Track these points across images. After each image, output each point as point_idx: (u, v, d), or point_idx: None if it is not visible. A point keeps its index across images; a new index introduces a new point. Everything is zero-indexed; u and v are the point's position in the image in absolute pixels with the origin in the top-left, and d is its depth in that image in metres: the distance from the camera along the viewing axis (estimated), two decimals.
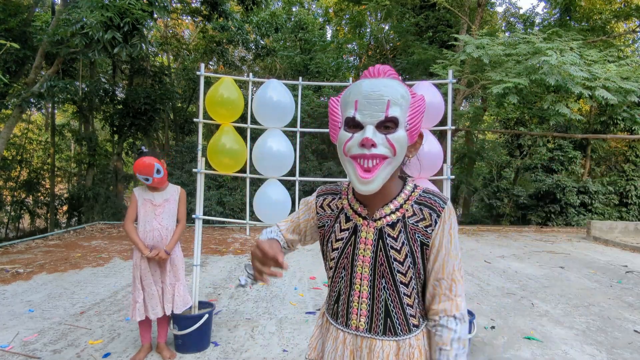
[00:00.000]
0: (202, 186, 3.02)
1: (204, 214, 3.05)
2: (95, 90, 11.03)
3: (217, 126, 3.12)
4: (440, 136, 8.75)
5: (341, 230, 1.02)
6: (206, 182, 10.10)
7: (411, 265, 0.96)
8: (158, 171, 2.66)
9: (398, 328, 0.97)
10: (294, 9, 16.37)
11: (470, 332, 2.95)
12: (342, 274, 1.01)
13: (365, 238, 0.98)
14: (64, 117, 16.99)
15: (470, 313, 3.10)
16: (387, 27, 15.46)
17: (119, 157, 12.26)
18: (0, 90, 7.20)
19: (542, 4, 21.80)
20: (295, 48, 14.79)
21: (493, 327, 3.57)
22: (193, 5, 12.23)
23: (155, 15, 6.81)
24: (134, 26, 6.06)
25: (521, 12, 16.32)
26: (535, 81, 6.25)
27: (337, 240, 1.02)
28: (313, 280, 5.08)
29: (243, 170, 3.17)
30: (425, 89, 2.95)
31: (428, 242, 0.96)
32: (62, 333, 3.27)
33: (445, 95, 3.30)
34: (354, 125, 0.91)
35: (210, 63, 15.38)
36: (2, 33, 7.30)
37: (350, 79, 4.38)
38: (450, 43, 10.32)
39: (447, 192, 3.02)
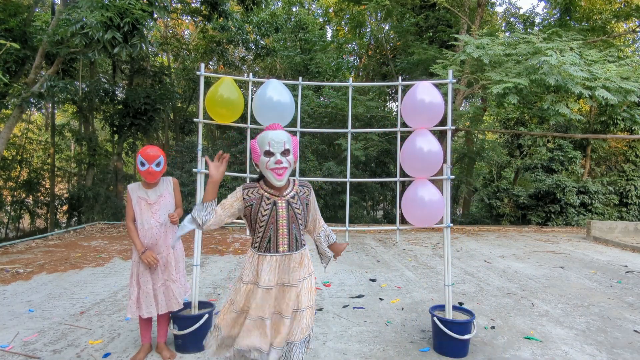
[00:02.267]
0: (202, 186, 3.02)
1: None
2: (95, 90, 11.03)
3: (218, 126, 3.12)
4: (440, 136, 8.76)
5: (266, 205, 1.90)
6: (206, 182, 10.07)
7: (304, 213, 2.00)
8: (158, 164, 2.65)
9: (299, 245, 1.97)
10: (294, 9, 16.37)
11: (470, 332, 2.95)
12: (271, 227, 1.90)
13: (281, 205, 1.92)
14: (64, 117, 16.99)
15: (470, 313, 3.10)
16: (387, 27, 15.46)
17: (119, 157, 12.26)
18: (0, 90, 7.21)
19: (542, 4, 21.82)
20: (295, 48, 14.79)
21: (493, 327, 3.56)
22: (193, 5, 12.23)
23: (155, 15, 6.81)
24: (134, 26, 6.06)
25: (521, 12, 16.31)
26: (535, 81, 6.25)
27: (265, 210, 1.89)
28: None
29: (243, 170, 3.16)
30: (425, 89, 2.95)
31: (308, 202, 2.02)
32: (62, 333, 3.27)
33: (445, 95, 3.31)
34: (269, 154, 1.85)
35: (210, 63, 15.39)
36: (2, 33, 7.30)
37: (350, 79, 4.38)
38: (450, 43, 10.32)
39: (447, 192, 3.02)
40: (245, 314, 1.92)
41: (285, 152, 1.86)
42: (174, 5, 11.63)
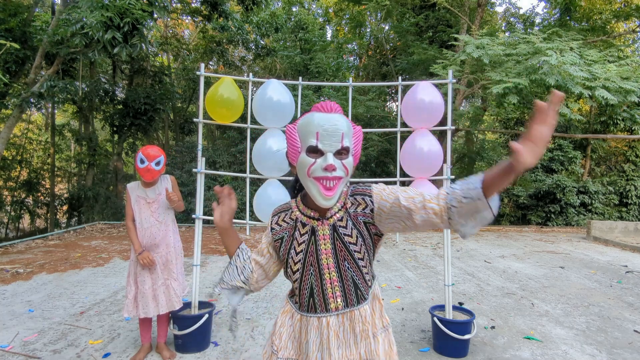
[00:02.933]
0: (202, 186, 3.02)
1: (204, 214, 3.05)
2: (95, 90, 11.03)
3: (218, 126, 3.13)
4: (440, 136, 8.75)
5: (301, 235, 1.20)
6: (206, 182, 10.08)
7: (362, 243, 1.17)
8: (157, 163, 2.66)
9: (364, 292, 1.20)
10: (294, 9, 16.36)
11: (470, 332, 2.95)
12: (311, 271, 1.19)
13: (323, 234, 1.18)
14: (64, 117, 16.99)
15: (470, 313, 3.10)
16: (387, 27, 15.46)
17: (119, 157, 12.26)
18: (0, 90, 7.20)
19: (542, 4, 21.81)
20: (295, 48, 14.79)
21: (493, 327, 3.56)
22: (193, 5, 12.23)
23: (155, 15, 6.81)
24: (134, 26, 6.06)
25: (521, 12, 16.33)
26: (535, 81, 6.24)
27: (300, 244, 1.20)
28: None
29: (243, 170, 3.17)
30: (425, 89, 2.95)
31: (370, 220, 1.17)
32: (62, 333, 3.27)
33: (445, 95, 3.30)
34: (315, 152, 1.11)
35: (210, 63, 15.38)
36: (2, 33, 7.30)
37: (350, 79, 4.38)
38: (450, 43, 10.32)
39: None
40: None
41: (342, 152, 1.13)
42: (174, 5, 11.64)
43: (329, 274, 1.17)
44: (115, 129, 11.69)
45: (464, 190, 1.00)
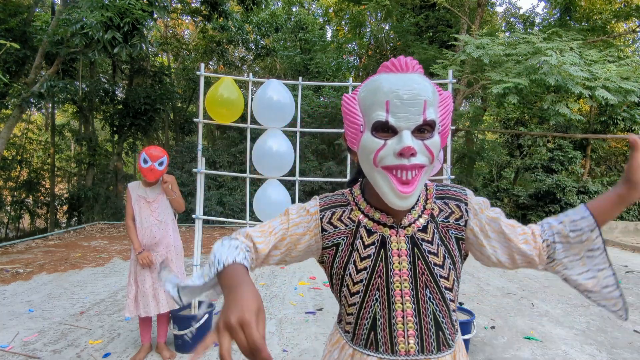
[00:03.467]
0: (202, 186, 3.02)
1: (204, 214, 3.05)
2: (95, 90, 11.03)
3: (218, 126, 3.13)
4: None
5: (365, 247, 0.87)
6: (206, 182, 10.09)
7: (451, 267, 0.88)
8: (161, 163, 2.67)
9: (449, 338, 0.88)
10: (294, 9, 16.37)
11: (470, 332, 2.95)
12: (377, 295, 0.86)
13: (398, 249, 0.86)
14: (64, 117, 16.99)
15: (470, 313, 3.10)
16: (387, 27, 15.46)
17: (119, 157, 12.26)
18: (0, 90, 7.20)
19: (542, 4, 21.82)
20: (295, 48, 14.80)
21: (493, 327, 3.56)
22: (193, 5, 12.23)
23: (155, 15, 6.81)
24: (134, 26, 6.06)
25: (521, 12, 16.32)
26: (535, 81, 6.24)
27: (362, 259, 0.87)
28: (313, 280, 5.07)
29: (243, 170, 3.17)
30: None
31: (463, 235, 0.90)
32: (62, 333, 3.27)
33: None
34: (385, 130, 0.78)
35: (210, 63, 15.38)
36: (2, 33, 7.30)
37: (350, 79, 4.36)
38: (450, 43, 10.32)
39: None
40: None
41: (425, 129, 0.80)
42: (174, 5, 11.64)
43: (402, 303, 0.86)
44: (115, 129, 11.69)
45: (569, 223, 0.84)
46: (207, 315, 2.95)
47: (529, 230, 0.88)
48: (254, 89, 6.87)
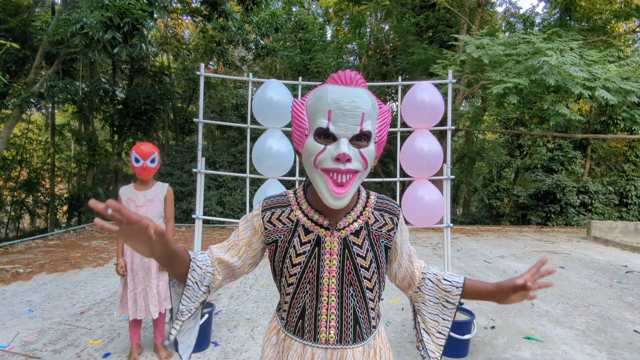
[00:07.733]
0: (202, 186, 3.02)
1: (204, 214, 3.05)
2: (95, 90, 11.03)
3: (218, 126, 3.13)
4: (440, 136, 8.75)
5: (302, 244, 0.97)
6: (206, 182, 10.09)
7: (375, 270, 0.99)
8: (152, 160, 2.63)
9: (365, 333, 1.00)
10: (294, 9, 16.37)
11: (470, 332, 2.95)
12: (307, 288, 0.97)
13: (330, 249, 0.97)
14: (64, 117, 16.99)
15: (470, 313, 3.10)
16: (387, 27, 15.45)
17: (119, 157, 12.26)
18: (0, 90, 7.20)
19: (542, 4, 21.82)
20: (295, 48, 14.80)
21: (493, 327, 3.57)
22: (193, 5, 12.23)
23: (155, 15, 6.82)
24: (134, 26, 6.06)
25: (521, 12, 16.35)
26: (535, 81, 6.25)
27: (298, 255, 0.97)
28: None
29: (243, 170, 3.17)
30: (425, 89, 2.95)
31: (390, 244, 1.02)
32: (62, 333, 3.27)
33: (445, 95, 3.30)
34: (325, 136, 0.88)
35: (210, 63, 15.39)
36: (2, 33, 7.30)
37: None
38: (450, 43, 10.32)
39: (447, 192, 3.02)
40: None
41: (361, 138, 0.89)
42: (174, 5, 11.64)
43: (327, 297, 0.97)
44: (115, 129, 11.69)
45: (448, 274, 1.07)
46: (206, 315, 2.95)
47: (420, 262, 1.10)
48: (254, 89, 6.86)
